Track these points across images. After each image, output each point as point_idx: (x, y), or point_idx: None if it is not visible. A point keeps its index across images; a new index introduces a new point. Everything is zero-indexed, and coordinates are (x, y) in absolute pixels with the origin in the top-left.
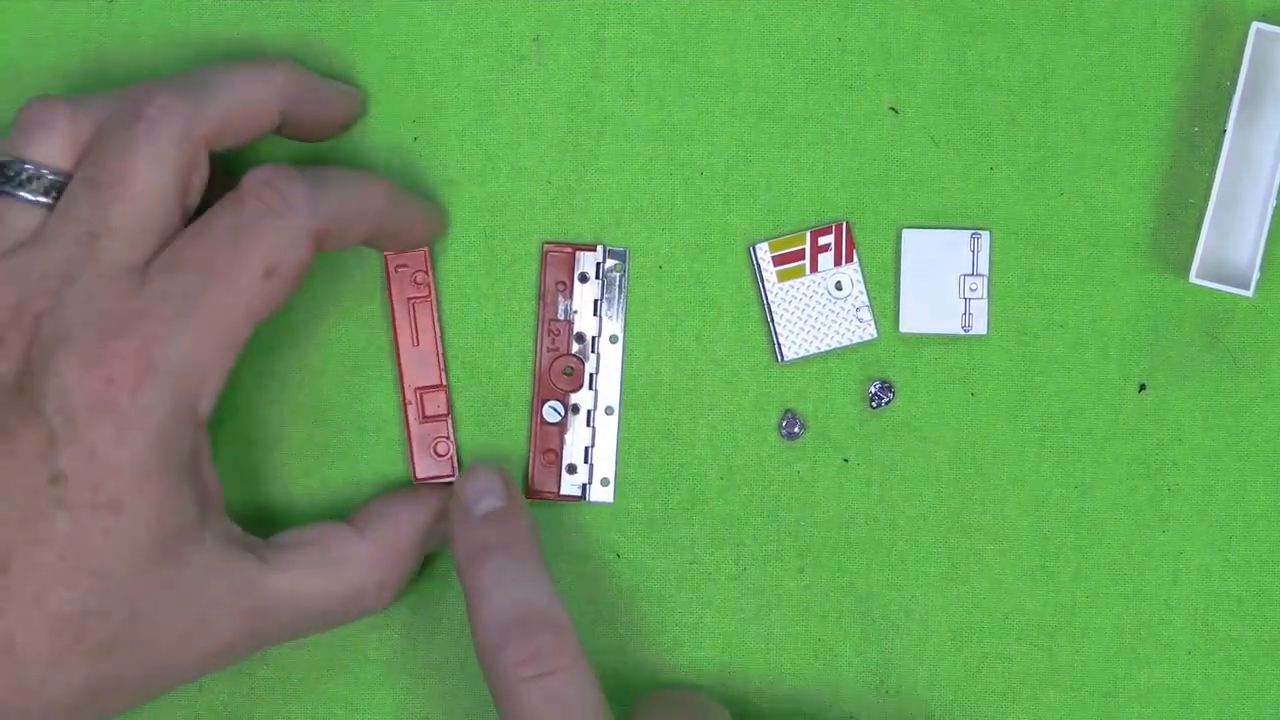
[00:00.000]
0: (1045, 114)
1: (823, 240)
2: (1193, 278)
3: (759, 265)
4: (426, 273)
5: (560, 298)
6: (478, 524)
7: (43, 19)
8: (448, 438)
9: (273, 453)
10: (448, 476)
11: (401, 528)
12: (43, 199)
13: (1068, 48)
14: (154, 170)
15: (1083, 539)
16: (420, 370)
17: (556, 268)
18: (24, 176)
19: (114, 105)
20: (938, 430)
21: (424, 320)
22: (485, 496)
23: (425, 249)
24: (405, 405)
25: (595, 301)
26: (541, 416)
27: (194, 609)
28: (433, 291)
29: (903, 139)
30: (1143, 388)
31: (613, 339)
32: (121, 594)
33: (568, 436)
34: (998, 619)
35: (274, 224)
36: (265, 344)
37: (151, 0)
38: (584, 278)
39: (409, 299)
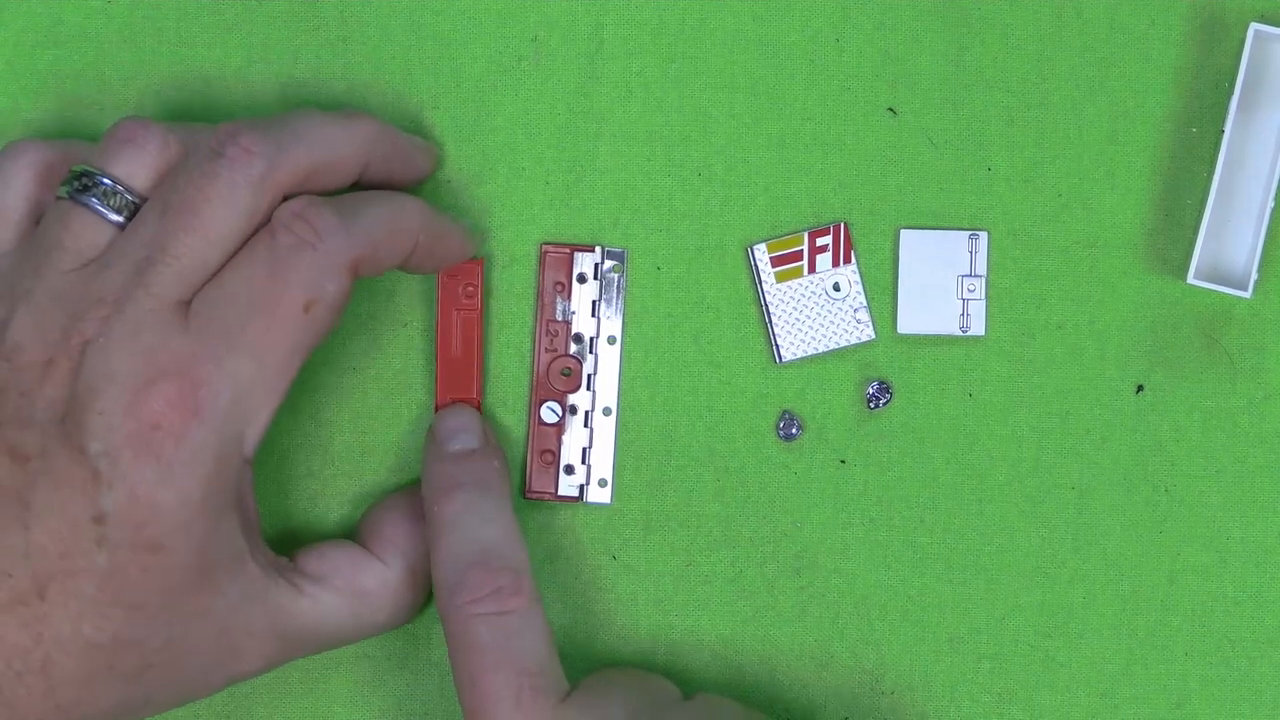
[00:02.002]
0: (1043, 115)
1: (820, 241)
2: (1190, 279)
3: (757, 266)
4: (477, 286)
5: (558, 298)
6: (449, 460)
7: (41, 19)
8: None
9: (289, 453)
10: None
11: (422, 551)
12: (116, 216)
13: (1066, 49)
14: (225, 208)
15: (1080, 540)
16: (457, 382)
17: (555, 268)
18: (102, 190)
19: (202, 138)
20: (935, 431)
21: (468, 333)
22: (460, 434)
23: (481, 261)
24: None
25: (593, 302)
26: (539, 417)
27: (227, 636)
28: (480, 306)
29: (901, 140)
30: (1140, 389)
31: (611, 340)
32: (156, 623)
33: (565, 437)
34: (994, 620)
35: (308, 257)
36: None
37: (149, 1)
38: (582, 278)
39: (456, 310)
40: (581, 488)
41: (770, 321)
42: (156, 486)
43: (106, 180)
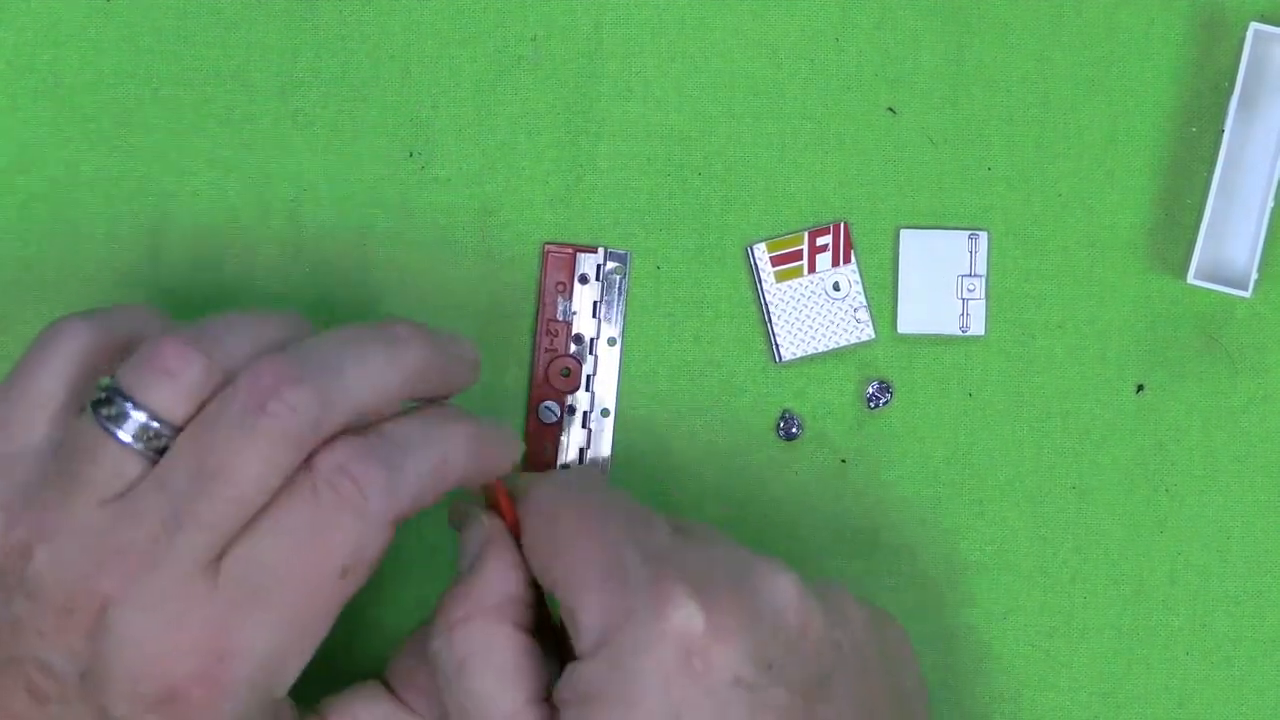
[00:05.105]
0: (1043, 114)
1: (820, 241)
2: (1190, 278)
3: (757, 266)
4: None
5: (560, 299)
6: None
7: (40, 19)
8: None
9: None
10: None
11: None
12: (146, 450)
13: (1065, 48)
14: (262, 467)
15: (1080, 540)
16: None
17: (557, 269)
18: (133, 423)
19: (247, 370)
20: (935, 431)
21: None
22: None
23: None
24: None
25: (594, 303)
26: (537, 417)
27: None
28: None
29: (900, 139)
30: (1140, 388)
31: (611, 341)
32: None
33: (563, 438)
34: (995, 620)
35: (349, 520)
36: None
37: (149, 1)
38: (584, 279)
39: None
40: None
41: (770, 321)
42: None
43: (139, 413)
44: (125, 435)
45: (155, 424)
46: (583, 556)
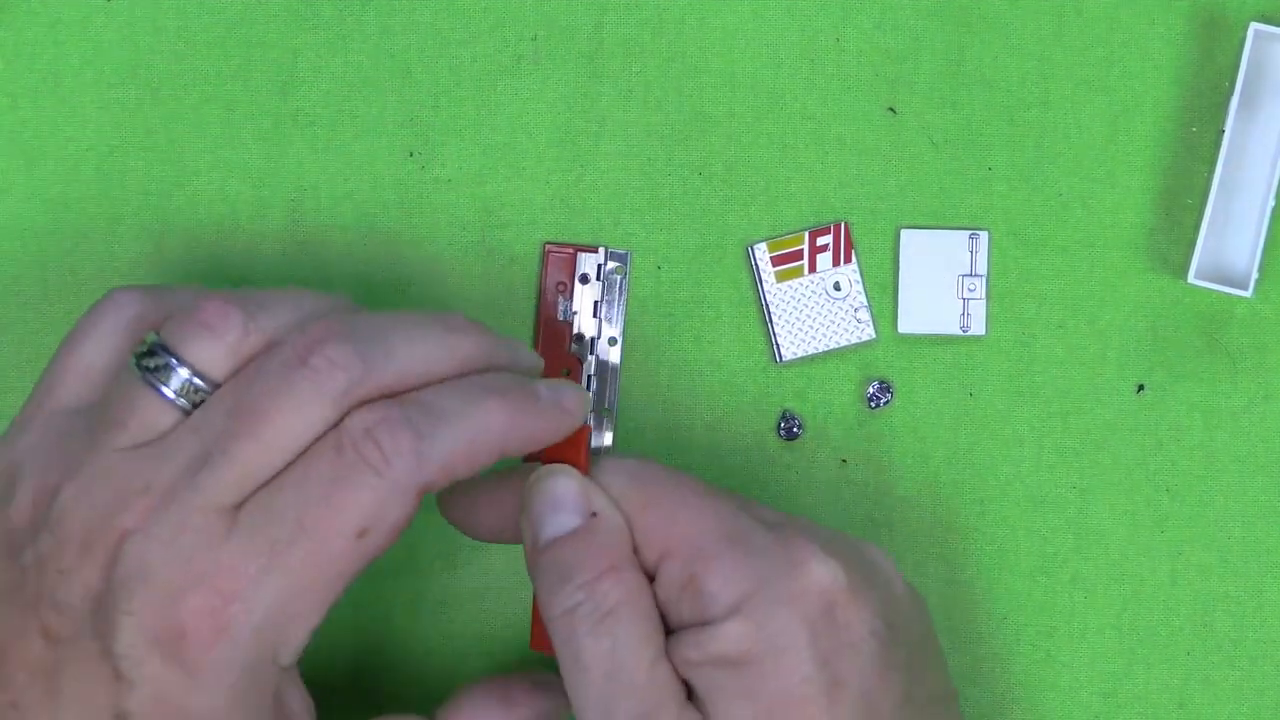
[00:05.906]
0: (1043, 114)
1: (821, 240)
2: (1191, 278)
3: (757, 266)
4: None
5: (560, 299)
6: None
7: (40, 19)
8: None
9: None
10: None
11: None
12: (183, 402)
13: (1066, 48)
14: (295, 419)
15: (1081, 540)
16: None
17: (557, 269)
18: (173, 375)
19: (291, 333)
20: (936, 431)
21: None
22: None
23: (586, 429)
24: None
25: (595, 303)
26: None
27: None
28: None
29: (901, 139)
30: (1141, 388)
31: (611, 341)
32: None
33: None
34: (996, 620)
35: (370, 482)
36: None
37: (149, 0)
38: (584, 279)
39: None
40: None
41: (771, 321)
42: (181, 693)
43: (180, 367)
44: (169, 390)
45: (198, 380)
46: (703, 526)
